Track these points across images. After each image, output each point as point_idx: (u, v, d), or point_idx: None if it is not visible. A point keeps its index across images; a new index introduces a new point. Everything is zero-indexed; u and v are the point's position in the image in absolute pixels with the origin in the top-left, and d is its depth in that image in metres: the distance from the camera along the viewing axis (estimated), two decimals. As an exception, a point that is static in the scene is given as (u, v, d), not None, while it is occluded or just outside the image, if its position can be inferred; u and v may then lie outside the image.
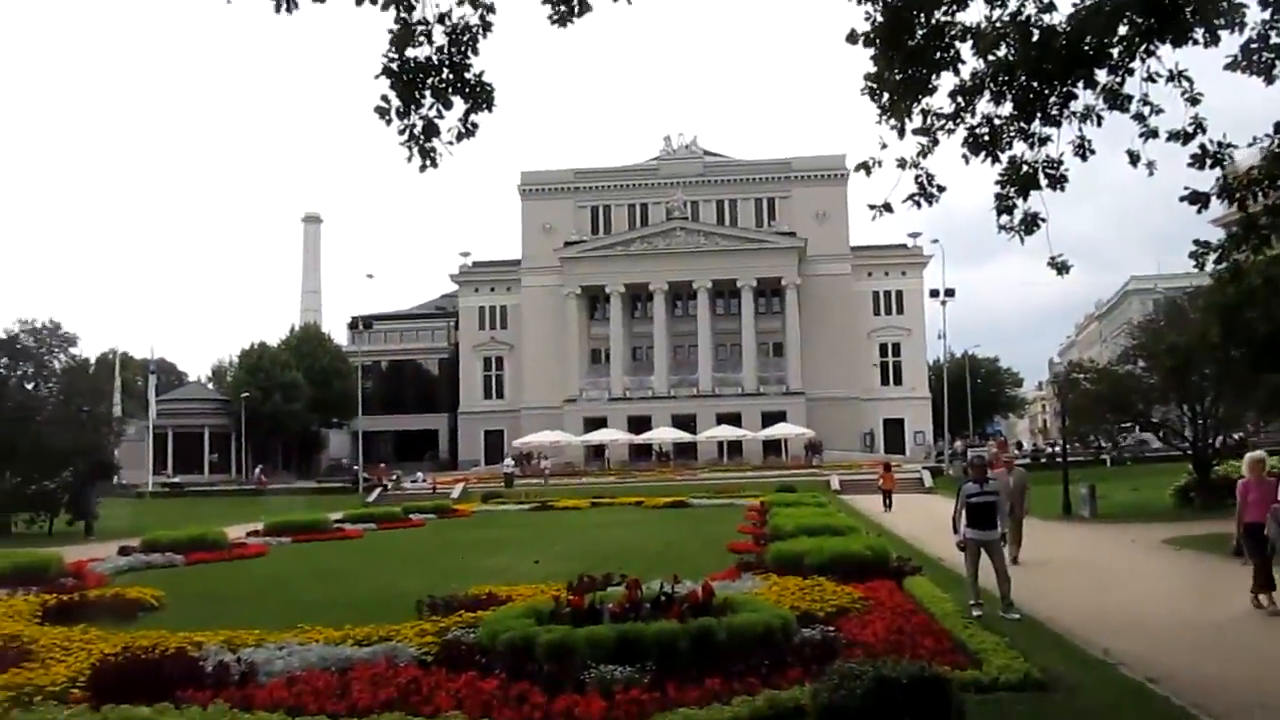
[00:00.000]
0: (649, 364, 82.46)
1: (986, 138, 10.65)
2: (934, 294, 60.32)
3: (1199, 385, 24.86)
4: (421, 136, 7.96)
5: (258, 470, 76.91)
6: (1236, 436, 31.24)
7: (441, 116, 7.96)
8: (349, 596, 15.49)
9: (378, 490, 56.48)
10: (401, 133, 8.03)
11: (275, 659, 9.20)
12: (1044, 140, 10.67)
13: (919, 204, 10.41)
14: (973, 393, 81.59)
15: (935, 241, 58.50)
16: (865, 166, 10.13)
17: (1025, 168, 10.72)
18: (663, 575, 16.73)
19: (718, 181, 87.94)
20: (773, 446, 74.86)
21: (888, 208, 10.26)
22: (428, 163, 8.05)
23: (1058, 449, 70.44)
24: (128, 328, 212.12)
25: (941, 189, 10.43)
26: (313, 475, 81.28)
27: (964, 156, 10.70)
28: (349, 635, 10.29)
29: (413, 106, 7.94)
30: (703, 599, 10.00)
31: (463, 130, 7.98)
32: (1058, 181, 10.79)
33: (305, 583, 17.65)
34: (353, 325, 73.38)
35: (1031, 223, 10.95)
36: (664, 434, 73.60)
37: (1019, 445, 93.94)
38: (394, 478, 62.67)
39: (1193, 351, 22.30)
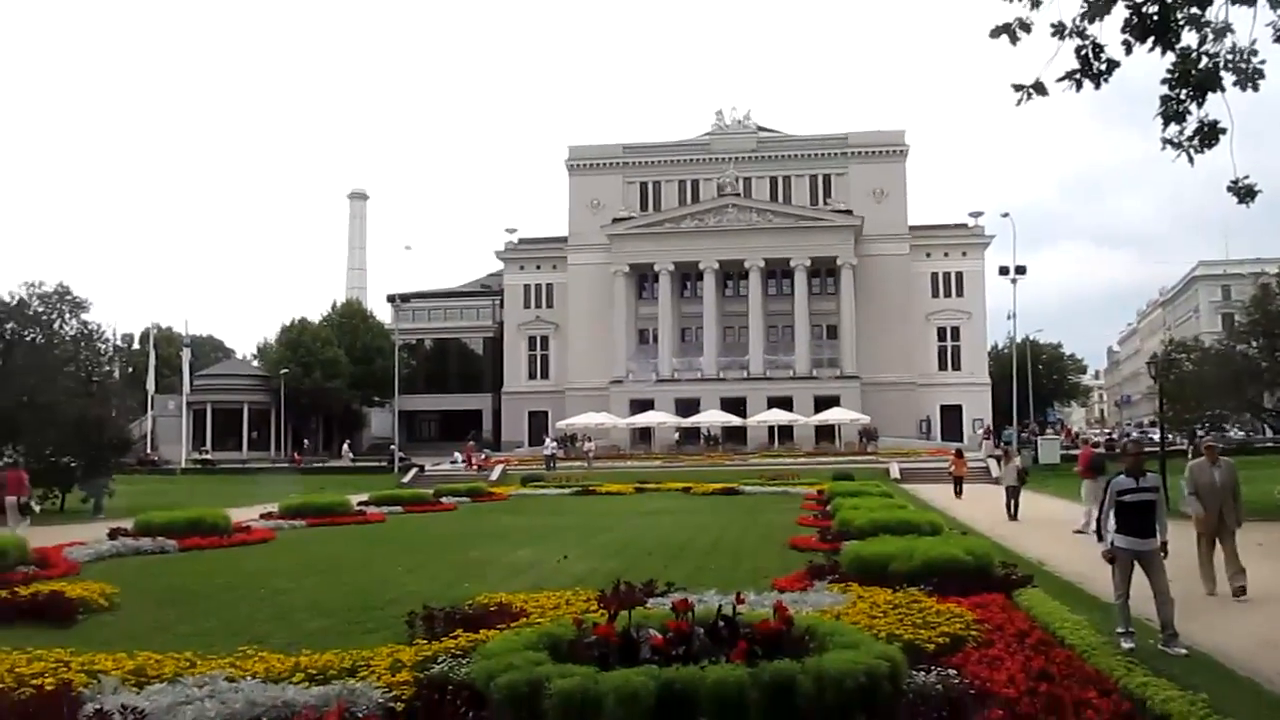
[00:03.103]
0: (698, 345, 79.63)
1: (1155, 19, 7.93)
2: (1004, 271, 56.97)
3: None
4: None
5: (346, 445, 74.69)
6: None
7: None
8: (338, 598, 12.98)
9: (413, 471, 54.26)
10: None
11: (185, 705, 6.63)
12: (1223, 31, 7.91)
13: (1079, 84, 7.68)
14: (1033, 379, 77.97)
15: (1005, 215, 55.09)
16: (1008, 30, 7.46)
17: (1204, 60, 7.96)
18: (716, 578, 14.13)
19: (771, 157, 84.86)
20: (825, 432, 71.84)
21: (1039, 88, 7.54)
22: None
23: (1134, 437, 66.76)
24: (178, 306, 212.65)
25: (1113, 64, 7.69)
26: (353, 453, 79.38)
27: (1125, 44, 7.97)
28: (300, 666, 7.68)
29: None
30: (777, 628, 7.28)
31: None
32: (1249, 78, 7.98)
33: (295, 578, 15.15)
34: (391, 300, 71.22)
35: (1209, 134, 8.19)
36: (713, 417, 70.86)
37: (1101, 435, 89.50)
38: (484, 455, 60.35)
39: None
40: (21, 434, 30.16)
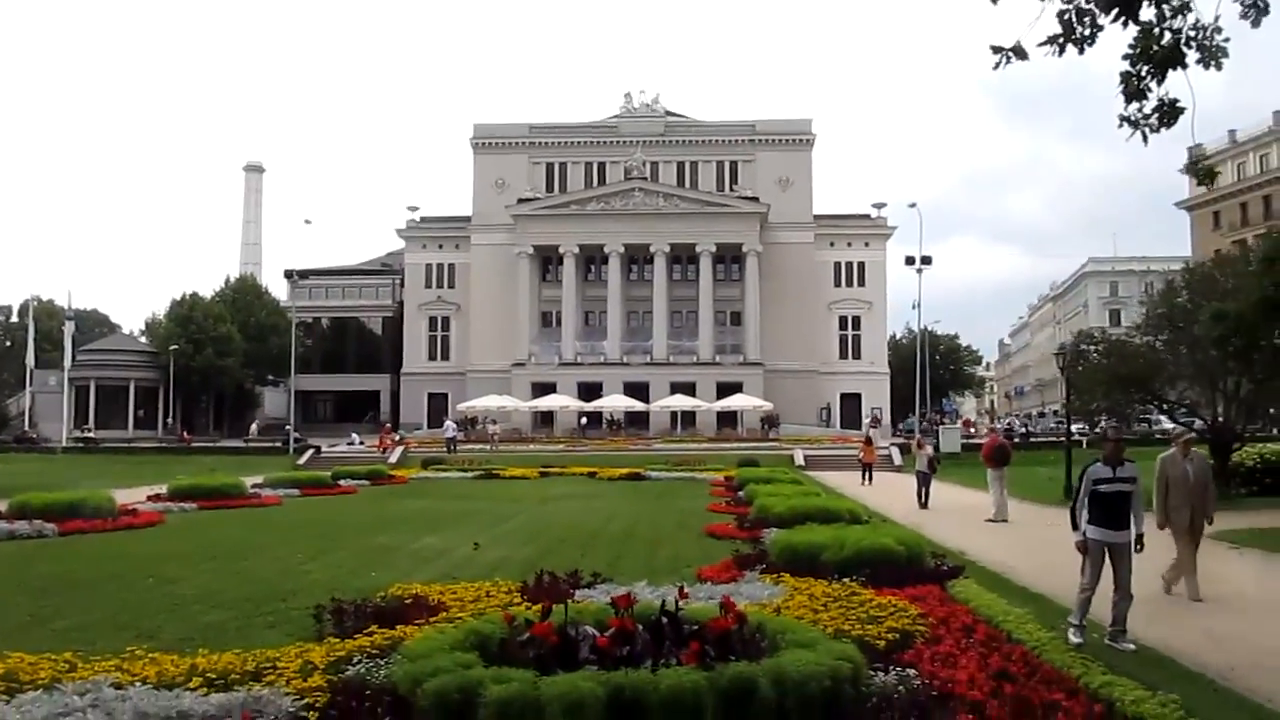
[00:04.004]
0: (602, 329, 79.08)
1: (1121, -12, 7.59)
2: (909, 261, 57.37)
3: (1245, 357, 21.83)
4: None
5: (254, 425, 73.01)
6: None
7: None
8: (235, 588, 12.06)
9: (309, 452, 52.65)
10: None
11: (63, 717, 5.81)
12: (1183, 7, 7.60)
13: (1062, 48, 7.28)
14: (930, 370, 79.23)
15: (912, 206, 54.93)
16: (992, -14, 7.01)
17: (1166, 35, 7.62)
18: (635, 567, 13.56)
19: (679, 142, 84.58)
20: (728, 418, 72.01)
21: (1019, 52, 7.11)
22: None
23: (1030, 427, 68.03)
24: (60, 278, 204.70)
25: (1097, 29, 7.29)
26: (244, 434, 77.05)
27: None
28: (196, 669, 6.86)
29: None
30: (727, 625, 6.71)
31: None
32: (1212, 56, 7.66)
33: (187, 565, 14.11)
34: (288, 276, 69.10)
35: (1169, 112, 7.87)
36: (616, 402, 70.39)
37: (996, 422, 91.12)
38: (396, 437, 58.87)
39: (1243, 320, 19.33)
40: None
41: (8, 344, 56.38)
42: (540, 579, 10.21)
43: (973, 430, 77.07)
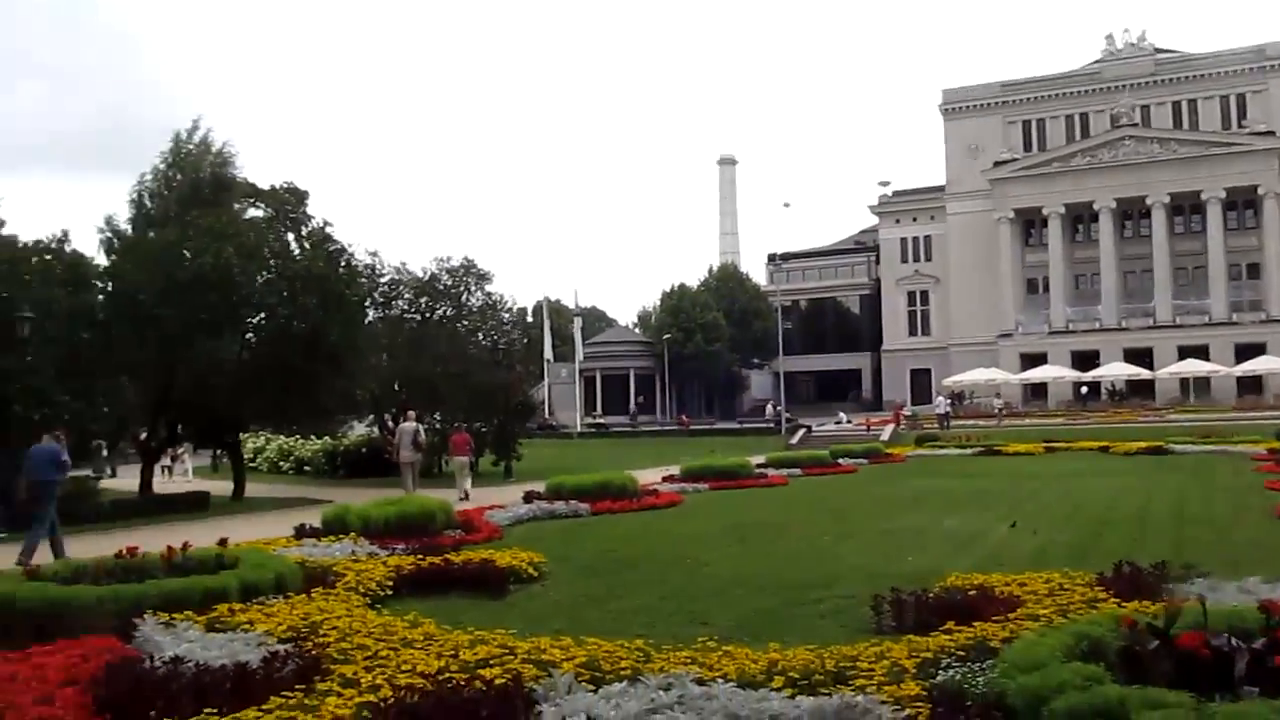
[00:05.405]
0: (1094, 293, 73.77)
1: None
2: None
3: None
4: None
5: (770, 406, 76.34)
6: None
7: None
8: (769, 572, 11.75)
9: (801, 431, 53.24)
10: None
11: (654, 715, 5.50)
12: None
13: None
14: None
15: None
16: None
17: None
18: (1210, 555, 11.62)
19: (1172, 80, 76.88)
20: (1249, 384, 64.27)
21: None
22: None
23: None
24: (563, 280, 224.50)
25: None
26: (735, 416, 79.96)
27: None
28: (775, 664, 6.38)
29: None
30: None
31: None
32: None
33: (715, 546, 14.10)
34: (770, 260, 70.77)
35: None
36: (1115, 370, 65.16)
37: None
38: (908, 414, 59.33)
39: None
40: (440, 401, 31.71)
41: (525, 340, 62.54)
42: (1120, 569, 8.90)
43: None
